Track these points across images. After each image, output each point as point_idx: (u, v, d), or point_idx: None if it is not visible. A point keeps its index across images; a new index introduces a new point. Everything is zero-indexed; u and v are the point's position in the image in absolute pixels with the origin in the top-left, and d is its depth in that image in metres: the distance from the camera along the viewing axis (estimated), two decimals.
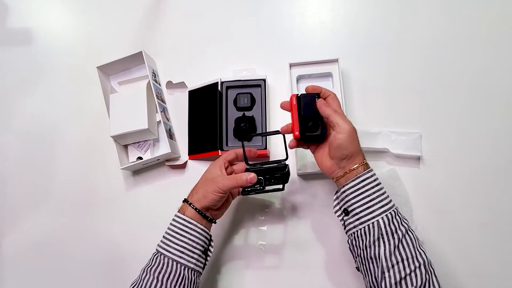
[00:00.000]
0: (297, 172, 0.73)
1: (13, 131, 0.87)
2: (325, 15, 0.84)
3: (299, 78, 0.77)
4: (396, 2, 0.82)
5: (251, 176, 0.59)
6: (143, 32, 0.88)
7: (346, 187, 0.56)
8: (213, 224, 0.62)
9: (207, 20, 0.87)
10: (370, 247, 0.52)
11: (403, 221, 0.54)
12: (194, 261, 0.57)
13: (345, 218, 0.56)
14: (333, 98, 0.61)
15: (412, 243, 0.52)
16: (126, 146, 0.81)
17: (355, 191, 0.55)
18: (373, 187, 0.54)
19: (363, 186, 0.54)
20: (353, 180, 0.55)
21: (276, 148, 0.77)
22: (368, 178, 0.55)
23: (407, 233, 0.53)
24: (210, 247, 0.61)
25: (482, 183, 0.70)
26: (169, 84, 0.83)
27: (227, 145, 0.75)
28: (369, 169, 0.56)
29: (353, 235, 0.56)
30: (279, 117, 0.78)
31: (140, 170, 0.80)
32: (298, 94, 0.62)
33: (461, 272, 0.66)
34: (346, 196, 0.56)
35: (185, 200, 0.61)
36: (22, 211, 0.82)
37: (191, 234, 0.58)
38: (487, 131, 0.73)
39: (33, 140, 0.86)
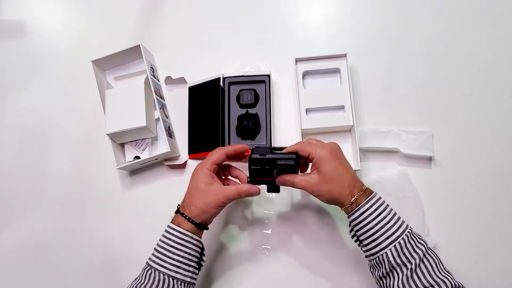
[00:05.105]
0: None
1: (6, 127, 0.85)
2: (331, 9, 0.82)
3: (305, 74, 0.75)
4: None
5: (254, 188, 0.58)
6: (141, 24, 0.86)
7: (350, 218, 0.54)
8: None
9: (208, 13, 0.85)
10: (383, 279, 0.51)
11: (417, 245, 0.50)
12: (190, 274, 0.56)
13: (360, 245, 0.55)
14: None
15: (429, 271, 0.49)
16: (122, 145, 0.79)
17: (358, 223, 0.52)
18: (375, 218, 0.51)
19: (365, 219, 0.51)
20: (353, 213, 0.52)
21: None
22: (368, 209, 0.51)
23: (423, 260, 0.49)
24: (202, 257, 0.59)
25: (496, 184, 0.68)
26: (168, 80, 0.81)
27: (229, 144, 0.73)
28: (368, 198, 0.52)
29: (370, 263, 0.54)
30: (283, 115, 0.76)
31: (137, 170, 0.78)
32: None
33: (473, 275, 0.64)
34: (353, 226, 0.54)
35: (179, 212, 0.58)
36: (15, 209, 0.80)
37: (186, 247, 0.55)
38: (501, 130, 0.71)
39: (27, 136, 0.84)
